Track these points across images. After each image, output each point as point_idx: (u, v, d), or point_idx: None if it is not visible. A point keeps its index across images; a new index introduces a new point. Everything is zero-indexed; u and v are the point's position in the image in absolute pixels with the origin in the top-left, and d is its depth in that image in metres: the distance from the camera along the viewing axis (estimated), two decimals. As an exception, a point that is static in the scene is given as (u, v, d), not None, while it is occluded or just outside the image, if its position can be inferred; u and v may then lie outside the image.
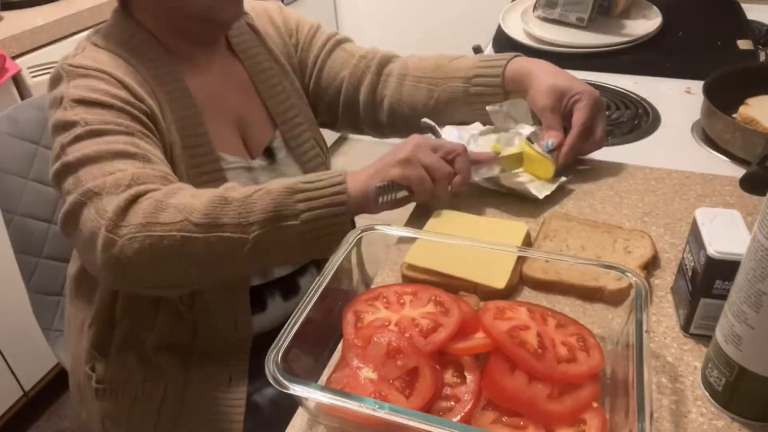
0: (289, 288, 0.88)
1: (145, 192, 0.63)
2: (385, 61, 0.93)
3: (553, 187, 0.78)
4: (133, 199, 0.62)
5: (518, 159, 0.79)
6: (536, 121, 0.84)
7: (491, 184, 0.79)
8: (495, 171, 0.76)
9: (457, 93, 0.87)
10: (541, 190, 0.77)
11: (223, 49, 0.86)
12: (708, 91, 0.89)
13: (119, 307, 0.81)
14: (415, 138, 0.70)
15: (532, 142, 0.80)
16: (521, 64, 0.83)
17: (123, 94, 0.71)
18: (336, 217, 0.63)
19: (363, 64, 0.92)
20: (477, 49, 1.21)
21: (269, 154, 0.87)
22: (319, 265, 0.93)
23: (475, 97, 0.86)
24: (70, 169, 0.66)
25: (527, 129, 0.82)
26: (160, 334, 0.81)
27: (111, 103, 0.69)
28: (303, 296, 0.89)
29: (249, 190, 0.63)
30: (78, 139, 0.66)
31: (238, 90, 0.86)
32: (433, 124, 0.83)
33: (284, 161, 0.87)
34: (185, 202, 0.61)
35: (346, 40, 0.96)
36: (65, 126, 0.68)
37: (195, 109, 0.77)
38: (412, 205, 0.81)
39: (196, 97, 0.78)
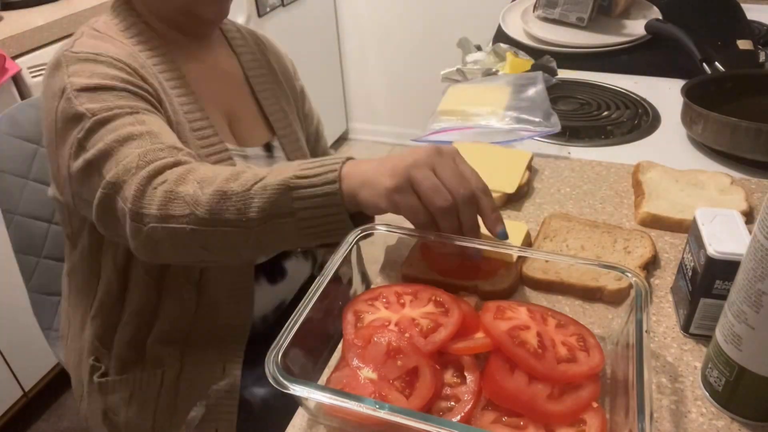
0: (276, 272, 0.92)
1: (155, 172, 0.65)
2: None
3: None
4: (148, 182, 0.64)
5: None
6: None
7: None
8: None
9: None
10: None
11: (220, 45, 0.91)
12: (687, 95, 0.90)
13: (126, 297, 0.83)
14: (421, 151, 0.58)
15: None
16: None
17: (123, 75, 0.73)
18: (330, 215, 0.60)
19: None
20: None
21: (268, 148, 0.91)
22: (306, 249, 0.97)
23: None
24: (93, 166, 0.68)
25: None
26: (162, 324, 0.83)
27: (112, 84, 0.71)
28: (290, 280, 0.93)
29: (248, 182, 0.62)
30: (90, 132, 0.68)
31: (231, 84, 0.90)
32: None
33: (279, 159, 0.92)
34: (192, 193, 0.63)
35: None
36: (74, 119, 0.69)
37: (193, 96, 0.81)
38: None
39: (192, 85, 0.82)
